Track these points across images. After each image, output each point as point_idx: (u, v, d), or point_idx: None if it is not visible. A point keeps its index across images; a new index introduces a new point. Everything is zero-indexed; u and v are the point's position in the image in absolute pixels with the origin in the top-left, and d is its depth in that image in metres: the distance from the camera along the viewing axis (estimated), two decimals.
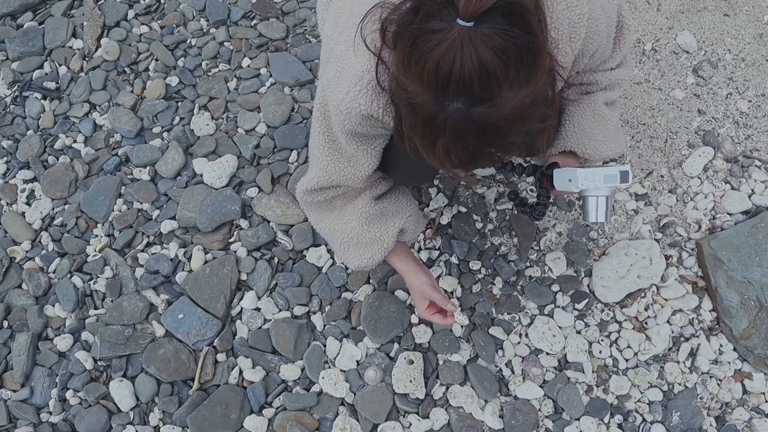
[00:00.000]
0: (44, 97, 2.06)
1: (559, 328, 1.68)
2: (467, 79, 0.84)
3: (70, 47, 2.13)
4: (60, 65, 2.11)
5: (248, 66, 2.06)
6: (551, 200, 1.46)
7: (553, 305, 1.72)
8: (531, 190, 1.81)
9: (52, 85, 2.07)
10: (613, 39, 1.28)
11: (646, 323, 1.70)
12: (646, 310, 1.71)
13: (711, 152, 1.89)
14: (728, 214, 1.82)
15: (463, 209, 1.81)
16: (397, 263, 1.45)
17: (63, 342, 1.70)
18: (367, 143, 1.22)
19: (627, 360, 1.67)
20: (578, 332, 1.69)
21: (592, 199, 1.24)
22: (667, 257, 1.76)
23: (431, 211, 1.81)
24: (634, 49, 2.06)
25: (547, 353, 1.66)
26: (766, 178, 1.85)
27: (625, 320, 1.70)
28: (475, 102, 0.86)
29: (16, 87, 2.08)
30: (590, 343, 1.68)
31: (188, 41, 2.12)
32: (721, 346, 1.69)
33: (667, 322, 1.70)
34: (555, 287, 1.73)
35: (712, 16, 2.12)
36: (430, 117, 0.90)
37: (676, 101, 1.98)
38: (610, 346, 1.68)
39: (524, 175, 1.41)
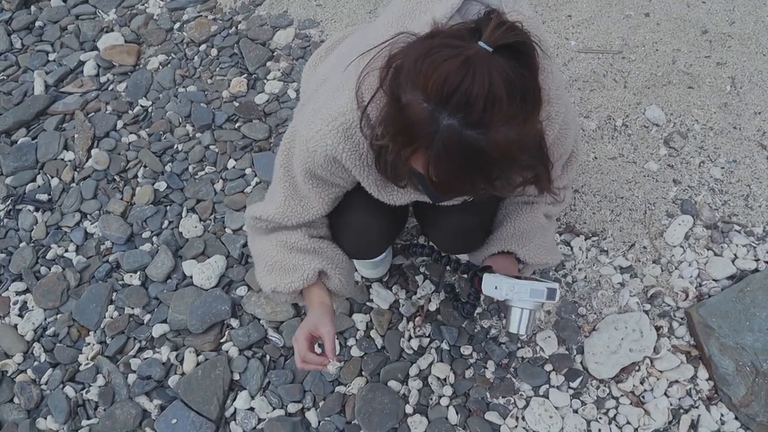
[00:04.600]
0: (37, 209, 2.11)
1: (556, 408, 1.66)
2: (472, 99, 0.83)
3: (62, 159, 2.21)
4: (52, 177, 2.17)
5: (233, 167, 2.13)
6: (477, 302, 1.48)
7: (547, 385, 1.70)
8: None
9: (44, 197, 2.13)
10: (564, 163, 1.36)
11: (643, 397, 1.68)
12: (641, 383, 1.70)
13: (690, 220, 1.93)
14: (714, 280, 1.83)
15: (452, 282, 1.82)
16: (309, 295, 1.38)
17: None
18: (322, 188, 1.25)
19: None
20: (575, 411, 1.67)
21: (515, 311, 1.25)
22: (657, 328, 1.76)
23: (419, 298, 1.82)
24: (605, 125, 2.13)
25: None
26: (747, 242, 1.88)
27: (622, 395, 1.69)
28: (470, 125, 0.85)
29: (9, 201, 2.13)
30: (588, 422, 1.65)
31: (175, 147, 2.20)
32: (722, 415, 1.66)
33: (665, 394, 1.68)
34: (548, 367, 1.72)
35: (677, 90, 2.21)
36: (421, 125, 0.88)
37: (652, 173, 2.04)
38: (609, 423, 1.66)
39: (459, 272, 1.41)
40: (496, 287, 1.26)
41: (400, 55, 0.95)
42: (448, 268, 1.48)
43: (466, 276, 1.41)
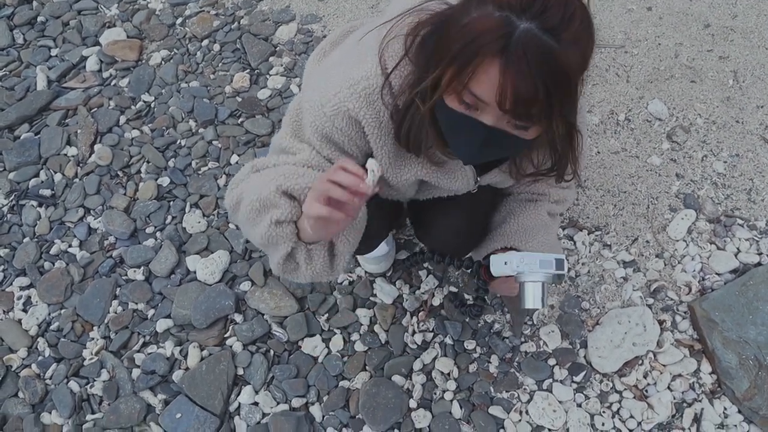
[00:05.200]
0: (40, 205, 2.11)
1: (559, 402, 1.67)
2: (549, 5, 0.86)
3: (65, 155, 2.21)
4: (55, 173, 2.17)
5: (236, 162, 2.13)
6: (487, 295, 1.47)
7: (551, 379, 1.71)
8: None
9: (47, 192, 2.13)
10: None
11: (646, 391, 1.69)
12: (645, 377, 1.70)
13: (693, 214, 1.93)
14: (717, 274, 1.84)
15: (454, 289, 1.83)
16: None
17: None
18: (335, 157, 1.20)
19: (631, 430, 1.64)
20: (579, 405, 1.67)
21: (528, 285, 1.25)
22: (660, 322, 1.76)
23: (422, 293, 1.83)
24: (608, 120, 2.13)
25: (550, 429, 1.64)
26: (750, 235, 1.88)
27: (625, 389, 1.69)
28: (547, 28, 0.86)
29: (13, 196, 2.13)
30: (592, 416, 1.66)
31: (178, 142, 2.20)
32: (725, 409, 1.67)
33: (668, 388, 1.69)
34: (551, 361, 1.73)
35: (679, 84, 2.21)
36: (491, 32, 0.87)
37: (654, 167, 2.04)
38: (613, 417, 1.66)
39: (463, 266, 1.42)
40: (505, 263, 1.26)
41: (431, 21, 0.94)
42: (450, 267, 1.48)
43: (470, 271, 1.41)
